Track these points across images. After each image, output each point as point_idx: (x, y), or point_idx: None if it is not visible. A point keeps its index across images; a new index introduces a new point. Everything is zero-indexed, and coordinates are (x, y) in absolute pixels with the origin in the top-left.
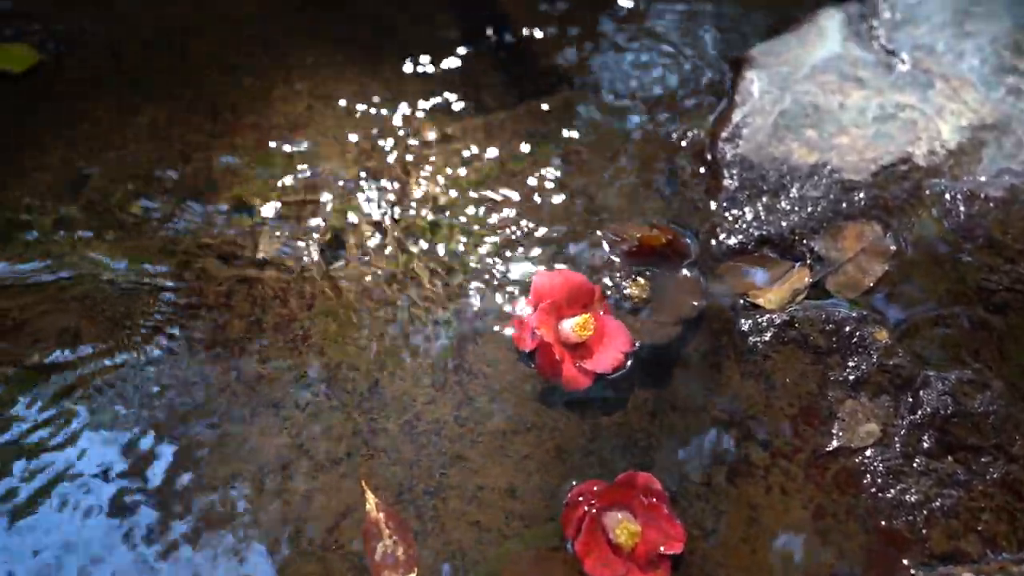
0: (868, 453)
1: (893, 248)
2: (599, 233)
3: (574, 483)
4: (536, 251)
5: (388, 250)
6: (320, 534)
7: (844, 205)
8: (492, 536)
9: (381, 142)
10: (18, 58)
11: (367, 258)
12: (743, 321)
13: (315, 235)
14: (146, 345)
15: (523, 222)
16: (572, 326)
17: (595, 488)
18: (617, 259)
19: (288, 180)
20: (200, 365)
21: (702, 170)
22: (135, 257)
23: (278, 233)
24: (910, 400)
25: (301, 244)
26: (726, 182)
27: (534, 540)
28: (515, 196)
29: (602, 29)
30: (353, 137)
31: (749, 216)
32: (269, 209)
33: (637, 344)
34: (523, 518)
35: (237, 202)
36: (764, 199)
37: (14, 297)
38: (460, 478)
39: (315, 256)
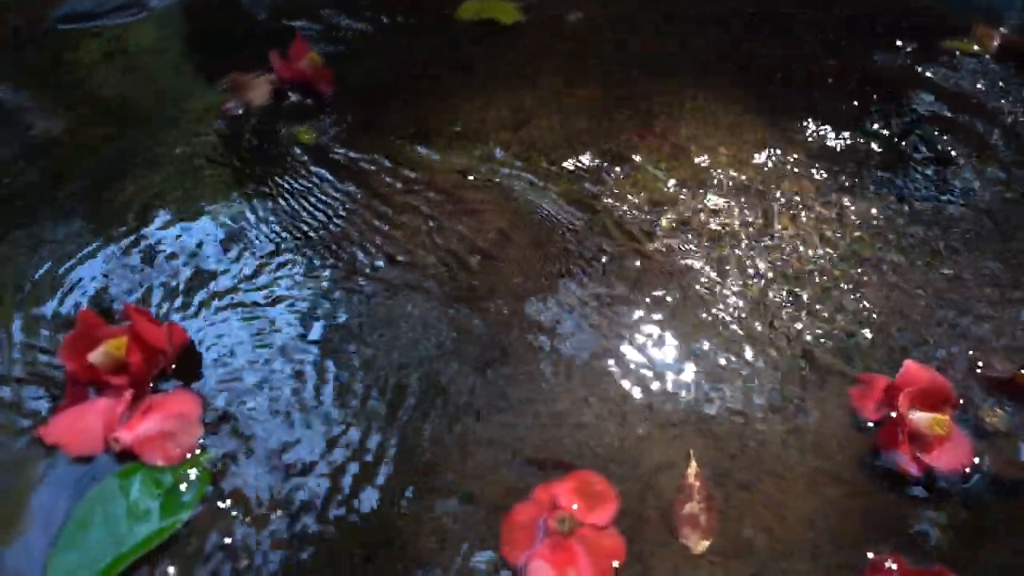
0: None
1: None
2: (970, 352)
3: (870, 554)
4: (891, 339)
5: (749, 274)
6: (645, 472)
7: None
8: (781, 548)
9: (758, 183)
10: (507, 12)
11: (729, 275)
12: None
13: (693, 236)
14: (551, 272)
15: (878, 310)
16: (929, 420)
17: (903, 564)
18: (981, 383)
19: (682, 188)
20: (579, 302)
21: None
22: (557, 197)
23: (665, 223)
24: None
25: (685, 240)
26: None
27: (817, 570)
28: (873, 280)
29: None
30: (735, 167)
31: None
32: (663, 200)
33: (976, 462)
34: (813, 546)
35: (638, 186)
36: None
37: (477, 190)
38: (770, 490)
39: (692, 256)
